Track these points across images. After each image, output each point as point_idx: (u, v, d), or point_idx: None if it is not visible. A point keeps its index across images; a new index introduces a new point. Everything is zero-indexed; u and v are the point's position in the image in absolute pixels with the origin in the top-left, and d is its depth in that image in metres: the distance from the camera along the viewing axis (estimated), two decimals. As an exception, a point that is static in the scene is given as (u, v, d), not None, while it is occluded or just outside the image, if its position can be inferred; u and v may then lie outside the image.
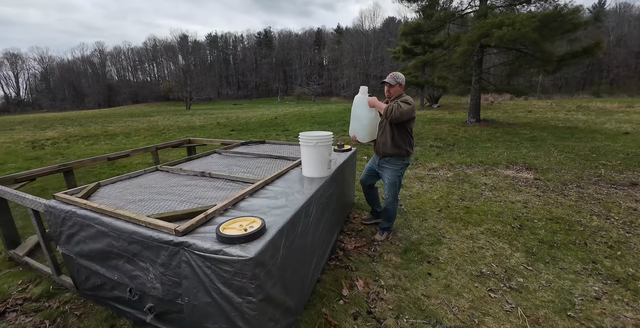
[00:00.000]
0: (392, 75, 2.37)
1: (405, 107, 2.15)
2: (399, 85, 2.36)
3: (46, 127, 16.16)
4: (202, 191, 1.89)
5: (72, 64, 70.62)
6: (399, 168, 2.45)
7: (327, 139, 2.07)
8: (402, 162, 2.44)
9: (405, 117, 2.18)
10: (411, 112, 2.21)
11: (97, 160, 3.21)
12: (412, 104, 2.22)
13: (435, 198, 3.69)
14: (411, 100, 2.26)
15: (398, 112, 2.13)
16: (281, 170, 2.17)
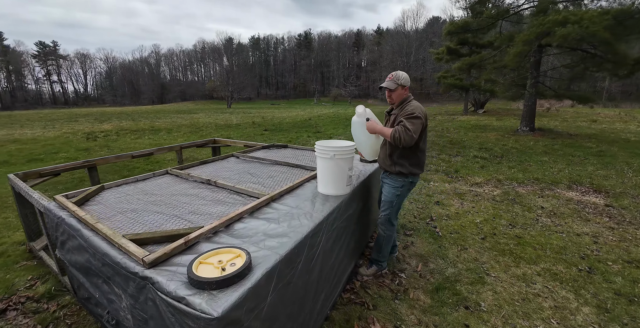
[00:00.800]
0: (391, 76, 1.95)
1: (414, 126, 1.75)
2: (402, 88, 1.93)
3: (104, 120, 17.74)
4: (200, 204, 1.66)
5: (132, 64, 77.92)
6: (398, 186, 2.01)
7: (347, 150, 1.73)
8: (404, 180, 1.99)
9: (417, 137, 1.77)
10: (421, 127, 1.80)
11: (121, 157, 3.20)
12: (420, 115, 1.80)
13: (479, 222, 3.15)
14: (419, 108, 1.84)
15: (407, 136, 1.73)
16: (293, 184, 1.88)
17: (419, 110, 1.83)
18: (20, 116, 23.03)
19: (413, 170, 1.94)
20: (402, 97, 1.94)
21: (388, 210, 2.05)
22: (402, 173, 1.95)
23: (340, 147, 1.72)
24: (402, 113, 1.85)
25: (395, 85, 1.90)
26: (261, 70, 71.35)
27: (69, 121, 17.77)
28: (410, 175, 1.96)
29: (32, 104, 59.54)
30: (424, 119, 1.83)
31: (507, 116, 17.02)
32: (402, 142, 1.74)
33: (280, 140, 9.23)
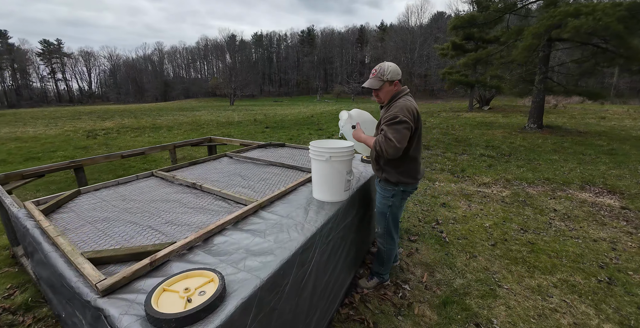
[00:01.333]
0: (374, 71, 1.62)
1: (398, 133, 1.47)
2: (389, 83, 1.61)
3: (106, 118, 17.69)
4: (180, 212, 1.49)
5: (136, 62, 78.06)
6: (388, 196, 1.74)
7: (345, 152, 1.55)
8: (393, 189, 1.71)
9: (403, 146, 1.50)
10: (409, 133, 1.53)
11: (110, 157, 3.05)
12: (406, 118, 1.50)
13: (488, 226, 2.95)
14: (404, 109, 1.52)
15: (390, 148, 1.47)
16: (286, 188, 1.70)
17: (404, 111, 1.50)
18: (25, 114, 23.09)
19: (402, 179, 1.67)
20: (392, 93, 1.63)
21: (383, 223, 1.83)
22: (389, 181, 1.70)
23: (337, 148, 1.54)
24: (385, 117, 1.55)
25: (380, 82, 1.59)
26: (264, 67, 71.03)
27: (71, 119, 17.74)
28: (400, 184, 1.70)
29: (37, 102, 60.00)
30: (412, 122, 1.51)
31: (513, 113, 16.67)
32: (386, 155, 1.50)
33: (281, 138, 9.06)
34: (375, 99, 1.71)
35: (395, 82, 1.63)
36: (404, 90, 1.67)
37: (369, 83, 1.63)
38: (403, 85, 1.71)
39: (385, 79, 1.59)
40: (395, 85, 1.65)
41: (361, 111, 1.89)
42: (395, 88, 1.65)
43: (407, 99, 1.62)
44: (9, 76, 62.03)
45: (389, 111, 1.57)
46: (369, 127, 1.88)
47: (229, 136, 9.92)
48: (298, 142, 8.16)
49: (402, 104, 1.56)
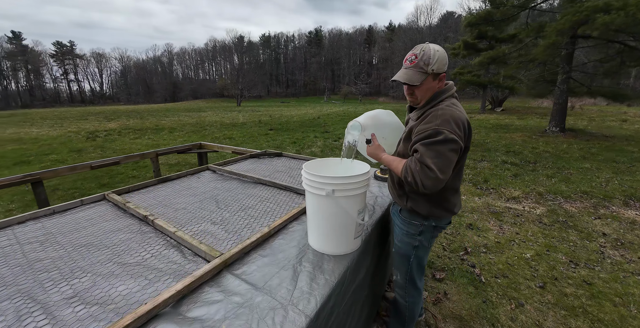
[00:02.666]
0: (413, 58, 1.08)
1: (442, 159, 0.99)
2: (434, 77, 1.10)
3: (112, 119, 17.56)
4: (105, 272, 1.00)
5: (146, 63, 79.03)
6: (414, 233, 1.25)
7: (356, 184, 1.03)
8: (421, 224, 1.22)
9: (447, 177, 1.01)
10: (456, 157, 1.04)
11: (77, 168, 2.61)
12: (454, 134, 1.01)
13: (530, 258, 2.39)
14: (450, 120, 1.03)
15: (429, 180, 0.98)
16: (270, 228, 1.20)
17: (451, 123, 1.01)
18: (36, 114, 23.27)
19: (435, 211, 1.18)
20: (433, 91, 1.13)
21: (405, 269, 1.31)
22: (416, 213, 1.21)
23: (344, 177, 1.01)
24: (419, 130, 1.05)
25: (422, 74, 1.07)
26: (271, 68, 71.01)
27: (78, 119, 17.68)
28: (432, 217, 1.21)
29: (50, 103, 61.21)
30: (461, 139, 1.02)
31: (528, 115, 15.89)
32: (421, 189, 1.01)
33: (285, 141, 8.60)
34: (409, 98, 1.18)
35: (442, 75, 1.11)
36: (449, 89, 1.14)
37: (404, 76, 1.09)
38: (353, 122, 1.24)
39: (429, 70, 1.06)
40: (440, 81, 1.12)
41: (377, 113, 1.34)
42: (440, 84, 1.13)
43: (453, 104, 1.10)
44: (22, 77, 63.40)
45: (427, 121, 1.06)
46: (389, 133, 1.35)
47: (231, 138, 9.50)
48: (302, 146, 7.67)
49: (448, 112, 1.04)
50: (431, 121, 1.04)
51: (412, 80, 1.08)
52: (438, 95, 1.12)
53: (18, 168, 5.71)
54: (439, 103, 1.11)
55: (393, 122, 1.38)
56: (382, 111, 1.36)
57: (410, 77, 1.08)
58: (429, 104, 1.13)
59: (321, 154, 6.70)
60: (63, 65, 71.85)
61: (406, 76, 1.09)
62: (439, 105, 1.09)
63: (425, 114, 1.10)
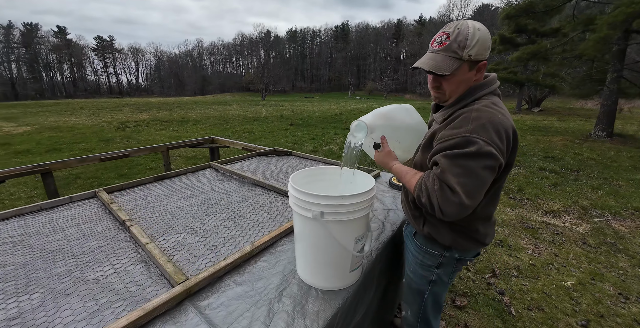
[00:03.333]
0: (444, 38, 0.80)
1: (471, 178, 0.74)
2: (471, 66, 0.82)
3: (144, 110, 18.32)
4: (57, 290, 0.86)
5: (178, 58, 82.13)
6: (431, 265, 0.99)
7: (352, 205, 0.78)
8: (441, 255, 0.97)
9: (475, 203, 0.76)
10: (492, 176, 0.77)
11: (86, 160, 2.58)
12: (491, 145, 0.74)
13: (571, 287, 2.04)
14: (496, 122, 0.76)
15: (451, 206, 0.74)
16: (252, 246, 1.01)
17: (488, 131, 0.74)
18: (77, 104, 24.86)
19: (460, 241, 0.92)
20: (468, 85, 0.85)
21: (418, 306, 1.06)
22: (435, 241, 0.95)
23: (337, 198, 0.75)
24: (444, 136, 0.80)
25: (455, 61, 0.79)
26: (297, 63, 71.10)
27: (114, 110, 18.61)
28: (456, 249, 0.94)
29: (91, 93, 65.51)
30: (501, 155, 0.75)
31: (569, 116, 14.61)
32: (437, 214, 0.77)
33: (304, 136, 8.44)
34: (434, 92, 0.90)
35: (481, 64, 0.83)
36: (489, 84, 0.86)
37: (430, 62, 0.81)
38: (357, 121, 0.99)
39: (465, 55, 0.78)
40: (478, 71, 0.84)
41: (389, 110, 1.06)
42: (478, 76, 0.85)
43: (494, 104, 0.82)
44: (67, 69, 68.24)
45: (455, 125, 0.80)
46: (405, 135, 1.08)
47: (250, 132, 9.50)
48: (320, 143, 7.47)
49: (486, 115, 0.77)
50: (461, 126, 0.78)
51: (439, 68, 0.79)
52: (474, 91, 0.84)
53: (49, 156, 6.00)
54: (475, 101, 0.83)
55: (410, 121, 1.10)
56: (398, 107, 1.08)
57: (438, 64, 0.79)
58: (460, 101, 0.85)
59: (339, 151, 6.47)
60: (103, 59, 76.45)
61: (432, 62, 0.80)
62: (474, 105, 0.82)
63: (455, 116, 0.83)
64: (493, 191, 0.87)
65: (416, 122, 1.12)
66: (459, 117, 0.81)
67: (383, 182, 1.90)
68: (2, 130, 9.99)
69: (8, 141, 7.66)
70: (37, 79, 60.82)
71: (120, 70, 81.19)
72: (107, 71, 77.39)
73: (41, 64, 61.76)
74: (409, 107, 1.12)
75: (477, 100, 0.84)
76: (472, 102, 0.83)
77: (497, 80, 0.88)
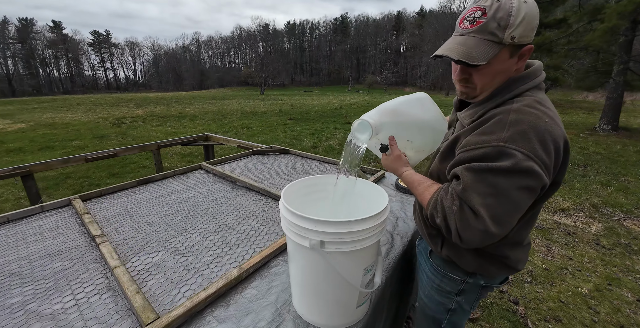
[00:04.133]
0: (480, 17, 0.61)
1: (496, 200, 0.58)
2: (512, 51, 0.63)
3: (141, 106, 18.06)
4: None
5: (175, 52, 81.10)
6: (451, 292, 0.85)
7: (362, 232, 0.60)
8: (462, 281, 0.82)
9: (505, 231, 0.60)
10: (525, 204, 0.61)
11: (70, 161, 2.43)
12: (533, 161, 0.57)
13: (587, 294, 1.91)
14: (541, 129, 0.59)
15: (475, 234, 0.60)
16: (243, 267, 0.86)
17: (530, 139, 0.58)
18: (74, 100, 24.53)
19: (488, 268, 0.77)
20: (506, 77, 0.68)
21: None
22: (454, 265, 0.81)
23: (342, 223, 0.59)
24: (470, 143, 0.65)
25: (494, 45, 0.61)
26: (296, 56, 70.28)
27: (110, 106, 18.34)
28: (482, 275, 0.80)
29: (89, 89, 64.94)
30: (546, 172, 0.59)
31: (572, 109, 14.43)
32: (454, 239, 0.64)
33: (303, 131, 8.26)
34: (460, 86, 0.73)
35: (525, 49, 0.66)
36: (533, 75, 0.68)
37: (459, 48, 0.64)
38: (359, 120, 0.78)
39: (507, 37, 0.61)
40: (520, 58, 0.67)
41: (398, 104, 0.87)
42: (519, 65, 0.68)
43: (539, 103, 0.64)
44: (63, 64, 67.44)
45: (486, 130, 0.64)
46: (418, 134, 0.90)
47: (249, 128, 9.32)
48: (320, 138, 7.30)
49: (529, 119, 0.60)
50: (493, 131, 0.61)
51: (472, 55, 0.61)
52: (513, 85, 0.67)
53: (41, 154, 5.84)
54: (514, 99, 0.66)
55: (424, 116, 0.89)
56: (409, 99, 0.89)
57: (470, 51, 0.62)
58: (494, 98, 0.68)
59: (339, 147, 6.31)
60: (100, 54, 75.53)
61: (462, 49, 0.63)
62: (512, 104, 0.64)
63: (486, 117, 0.66)
64: (531, 214, 0.71)
65: (431, 116, 0.91)
66: (492, 119, 0.64)
67: (388, 183, 1.76)
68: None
69: (1, 139, 7.49)
70: (33, 75, 60.17)
71: (118, 65, 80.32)
72: (104, 66, 76.55)
73: (37, 60, 61.00)
74: (422, 96, 0.92)
75: (518, 97, 0.66)
76: (511, 99, 0.67)
77: (542, 71, 0.71)
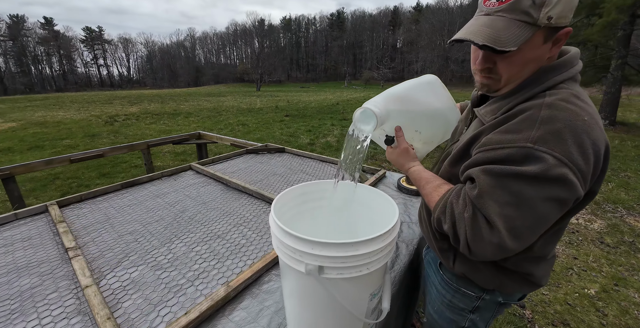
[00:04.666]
0: None
1: (518, 211, 0.50)
2: (547, 35, 0.53)
3: (135, 103, 17.78)
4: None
5: (170, 48, 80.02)
6: (464, 309, 0.75)
7: (368, 255, 0.49)
8: (480, 297, 0.72)
9: (523, 245, 0.53)
10: (551, 218, 0.52)
11: (54, 162, 2.31)
12: (567, 168, 0.48)
13: (594, 295, 1.85)
14: (579, 130, 0.49)
15: (487, 247, 0.52)
16: (231, 286, 0.77)
17: (565, 141, 0.48)
18: (67, 98, 24.11)
19: (508, 284, 0.68)
20: (537, 66, 0.57)
21: None
22: (469, 280, 0.72)
23: (343, 247, 0.48)
24: (490, 142, 0.56)
25: (527, 27, 0.51)
26: (292, 52, 69.69)
27: (104, 103, 18.05)
28: (501, 291, 0.71)
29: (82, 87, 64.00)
30: (582, 180, 0.50)
31: (571, 104, 14.37)
32: (462, 250, 0.56)
33: (299, 128, 8.15)
34: (480, 76, 0.62)
35: (562, 33, 0.55)
36: (569, 63, 0.58)
37: (485, 31, 0.53)
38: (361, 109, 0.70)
39: (543, 16, 0.50)
40: (555, 44, 0.56)
41: (406, 89, 0.78)
42: (554, 51, 0.58)
43: (577, 96, 0.54)
44: (56, 61, 66.27)
45: (511, 127, 0.54)
46: (427, 123, 0.80)
47: (244, 125, 9.18)
48: (317, 135, 7.19)
49: (564, 116, 0.50)
50: (520, 129, 0.52)
51: (501, 39, 0.51)
52: (545, 75, 0.57)
53: (30, 154, 5.68)
54: (547, 92, 0.56)
55: (435, 103, 0.78)
56: (418, 83, 0.78)
57: (498, 34, 0.52)
58: (523, 90, 0.58)
59: (337, 144, 6.21)
60: (93, 51, 74.31)
61: (489, 31, 0.52)
62: (544, 98, 0.54)
63: (513, 112, 0.56)
64: (559, 227, 0.63)
65: (443, 104, 0.81)
66: (520, 115, 0.54)
67: (389, 183, 1.67)
68: (-14, 127, 9.57)
69: (-11, 138, 7.30)
70: (25, 73, 59.11)
71: (111, 62, 79.14)
72: (97, 63, 75.39)
73: (29, 57, 59.87)
74: (433, 79, 0.81)
75: (550, 89, 0.56)
76: (542, 92, 0.56)
77: (579, 60, 0.61)
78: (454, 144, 0.74)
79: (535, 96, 0.56)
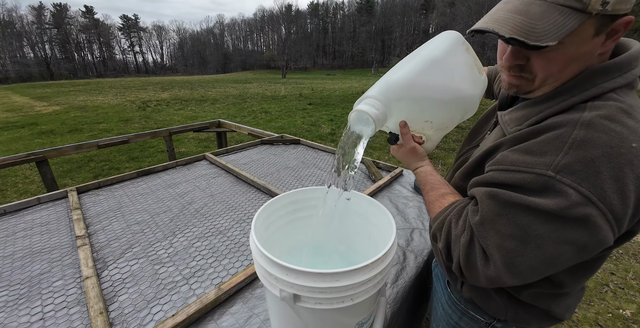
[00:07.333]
0: None
1: (524, 247, 0.41)
2: (599, 24, 0.40)
3: (166, 89, 18.50)
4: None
5: (200, 35, 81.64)
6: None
7: (348, 288, 0.41)
8: (490, 324, 0.63)
9: (524, 281, 0.44)
10: (566, 260, 0.41)
11: (83, 147, 2.44)
12: (595, 205, 0.37)
13: (629, 318, 1.66)
14: (622, 159, 0.37)
15: (473, 271, 0.47)
16: (222, 289, 0.75)
17: (599, 173, 0.38)
18: (106, 83, 25.60)
19: (525, 317, 0.58)
20: (583, 65, 0.45)
21: None
22: (481, 311, 0.63)
23: (322, 277, 0.40)
24: (504, 161, 0.46)
25: (575, 16, 0.38)
26: (318, 38, 68.44)
27: (138, 89, 18.93)
28: (513, 321, 0.60)
29: (120, 73, 67.59)
30: (614, 223, 0.39)
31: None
32: (454, 268, 0.50)
33: (321, 117, 8.05)
34: (508, 74, 0.50)
35: (618, 23, 0.41)
36: (626, 65, 0.44)
37: (515, 19, 0.41)
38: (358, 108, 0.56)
39: (596, 1, 0.37)
40: (610, 38, 0.42)
41: (410, 71, 0.55)
42: (606, 47, 0.44)
43: (627, 112, 0.41)
44: (96, 48, 70.20)
45: (532, 148, 0.43)
46: (438, 109, 0.59)
47: (267, 112, 9.23)
48: (339, 124, 7.06)
49: (604, 141, 0.38)
50: (544, 151, 0.42)
51: (535, 30, 0.40)
52: (591, 78, 0.45)
53: (69, 136, 6.12)
54: (588, 103, 0.44)
55: (452, 84, 0.56)
56: (429, 59, 0.55)
57: (533, 23, 0.41)
58: (559, 97, 0.46)
59: (358, 135, 6.06)
60: (129, 38, 77.70)
61: (521, 19, 0.41)
62: (584, 111, 0.43)
63: (541, 126, 0.45)
64: (593, 263, 0.52)
65: (466, 80, 0.58)
66: (547, 132, 0.44)
67: (406, 183, 1.57)
68: (34, 110, 10.42)
69: (35, 121, 7.94)
70: (69, 59, 63.31)
71: (146, 49, 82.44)
72: (133, 50, 78.88)
73: (72, 44, 63.88)
74: (450, 45, 0.56)
75: (596, 99, 0.44)
76: (584, 102, 0.45)
77: (639, 60, 0.46)
78: (473, 149, 0.65)
79: (574, 107, 0.45)
